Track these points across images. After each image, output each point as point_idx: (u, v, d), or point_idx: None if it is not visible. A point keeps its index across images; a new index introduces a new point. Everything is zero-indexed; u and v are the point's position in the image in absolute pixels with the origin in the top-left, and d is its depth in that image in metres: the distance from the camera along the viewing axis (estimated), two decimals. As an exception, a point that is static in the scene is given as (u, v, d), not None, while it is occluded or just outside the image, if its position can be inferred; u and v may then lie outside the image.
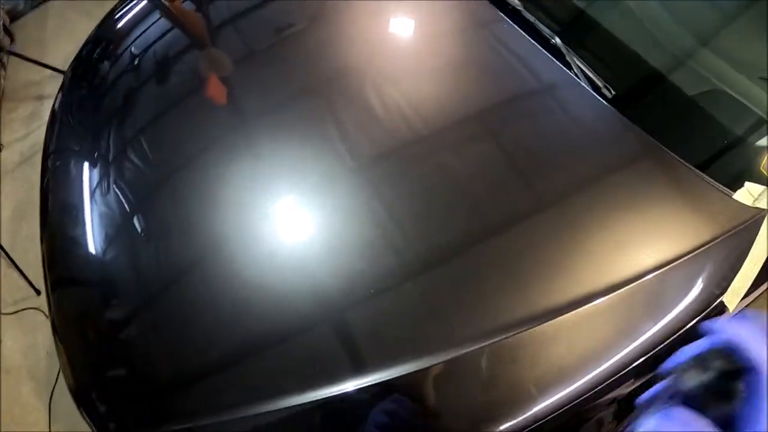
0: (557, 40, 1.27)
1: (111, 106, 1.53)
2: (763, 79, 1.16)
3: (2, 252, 2.25)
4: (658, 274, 0.95)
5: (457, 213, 1.05)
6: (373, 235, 1.04)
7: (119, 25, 1.71)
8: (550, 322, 0.91)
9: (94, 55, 1.74)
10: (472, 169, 1.10)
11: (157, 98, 1.47)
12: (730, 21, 1.25)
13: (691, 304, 0.94)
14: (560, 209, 1.03)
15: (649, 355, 0.91)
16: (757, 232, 0.99)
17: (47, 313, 2.10)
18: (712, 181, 1.04)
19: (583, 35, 1.36)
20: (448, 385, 0.91)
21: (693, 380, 0.48)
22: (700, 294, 0.95)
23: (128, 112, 1.47)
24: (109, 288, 1.18)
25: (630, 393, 0.93)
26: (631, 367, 0.91)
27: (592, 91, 1.17)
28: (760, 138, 1.12)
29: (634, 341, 0.92)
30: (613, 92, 1.18)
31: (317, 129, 1.22)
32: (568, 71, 1.20)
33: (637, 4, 1.34)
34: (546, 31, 1.29)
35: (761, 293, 1.05)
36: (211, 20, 1.59)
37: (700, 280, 0.96)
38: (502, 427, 0.87)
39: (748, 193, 1.03)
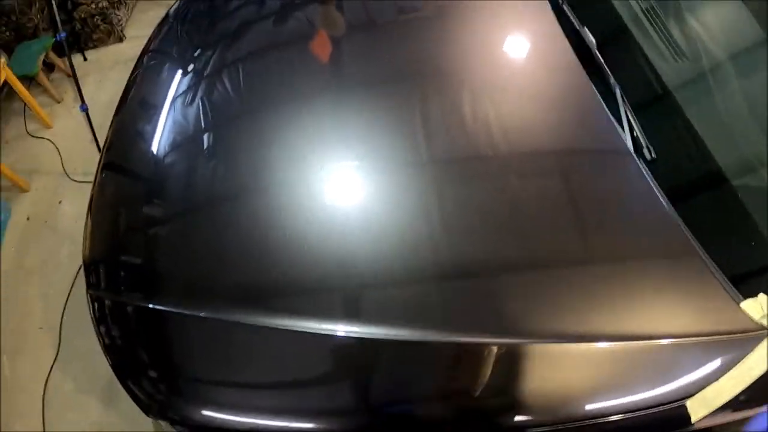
0: (618, 90, 1.22)
1: (218, 28, 1.63)
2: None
3: (89, 126, 2.48)
4: (632, 345, 0.90)
5: (494, 226, 1.06)
6: (417, 224, 1.06)
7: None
8: (539, 343, 0.92)
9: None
10: (508, 202, 1.09)
11: (266, 35, 1.56)
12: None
13: (649, 390, 0.88)
14: (574, 257, 1.01)
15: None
16: (750, 350, 0.88)
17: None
18: (723, 278, 0.95)
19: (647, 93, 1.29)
20: (424, 363, 0.94)
21: None
22: (661, 383, 0.89)
23: (231, 40, 1.55)
24: (155, 184, 1.27)
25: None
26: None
27: (631, 150, 1.10)
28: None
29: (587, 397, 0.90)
30: (654, 155, 1.12)
31: (403, 114, 1.24)
32: (614, 123, 1.15)
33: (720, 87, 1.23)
34: (611, 79, 1.25)
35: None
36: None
37: (669, 368, 0.90)
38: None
39: (759, 306, 0.90)
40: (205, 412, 0.95)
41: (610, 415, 0.87)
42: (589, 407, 0.88)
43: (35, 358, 1.89)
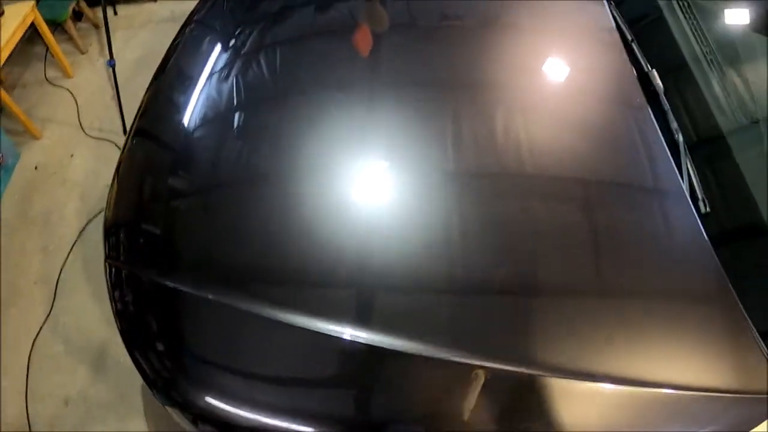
0: (680, 138, 1.21)
1: (263, 8, 1.60)
2: None
3: (114, 83, 2.43)
4: (657, 391, 0.90)
5: (519, 255, 1.03)
6: (437, 236, 1.05)
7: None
8: (547, 377, 0.89)
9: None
10: (551, 225, 1.07)
11: (309, 22, 1.53)
12: None
13: None
14: (608, 292, 1.01)
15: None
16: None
17: (121, 153, 2.29)
18: (757, 335, 0.95)
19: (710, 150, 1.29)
20: (423, 378, 0.93)
21: None
22: None
23: (276, 21, 1.53)
24: (184, 159, 1.25)
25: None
26: None
27: (688, 199, 1.10)
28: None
29: None
30: (708, 209, 1.12)
31: (436, 122, 1.22)
32: (676, 171, 1.14)
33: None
34: (674, 125, 1.24)
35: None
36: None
37: (691, 420, 0.90)
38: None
39: None
40: (209, 400, 0.93)
41: None
42: None
43: (26, 313, 1.84)
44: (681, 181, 1.12)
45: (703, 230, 1.04)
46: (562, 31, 1.43)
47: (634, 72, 1.29)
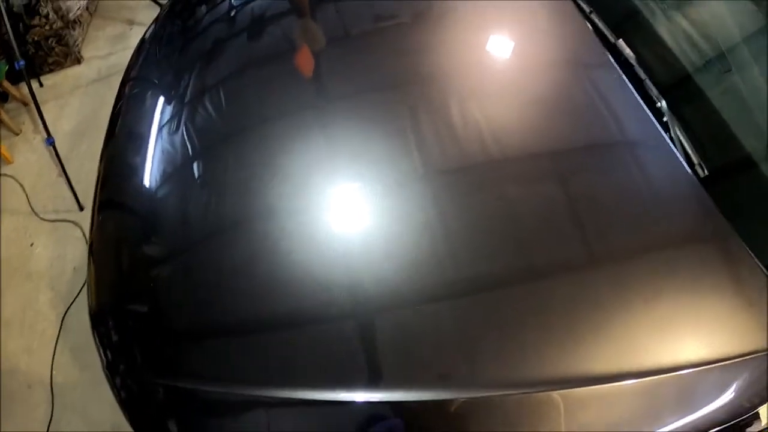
0: (663, 104, 1.19)
1: (198, 49, 1.53)
2: None
3: (57, 160, 2.30)
4: (697, 371, 0.87)
5: (509, 249, 0.99)
6: (423, 250, 0.99)
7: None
8: (574, 389, 0.85)
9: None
10: (537, 209, 1.03)
11: (245, 54, 1.46)
12: None
13: (722, 409, 0.88)
14: (614, 274, 0.95)
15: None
16: None
17: (84, 230, 2.18)
18: None
19: (684, 100, 1.27)
20: (456, 423, 0.87)
21: None
22: (733, 401, 0.88)
23: (213, 59, 1.46)
24: (154, 224, 1.17)
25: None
26: None
27: (685, 165, 1.07)
28: None
29: None
30: (706, 172, 1.09)
31: (393, 128, 1.16)
32: (665, 138, 1.11)
33: (744, 79, 1.23)
34: (654, 91, 1.21)
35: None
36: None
37: (737, 388, 0.89)
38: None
39: None
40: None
41: None
42: None
43: (28, 420, 1.73)
44: (673, 147, 1.09)
45: (710, 199, 1.01)
46: (512, 8, 1.40)
47: (592, 33, 1.28)
